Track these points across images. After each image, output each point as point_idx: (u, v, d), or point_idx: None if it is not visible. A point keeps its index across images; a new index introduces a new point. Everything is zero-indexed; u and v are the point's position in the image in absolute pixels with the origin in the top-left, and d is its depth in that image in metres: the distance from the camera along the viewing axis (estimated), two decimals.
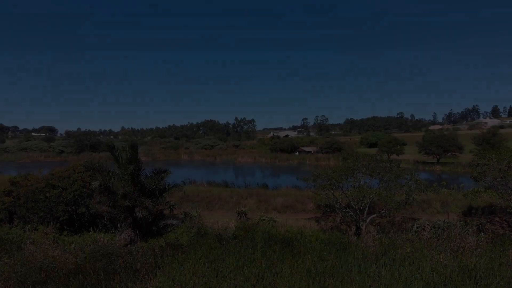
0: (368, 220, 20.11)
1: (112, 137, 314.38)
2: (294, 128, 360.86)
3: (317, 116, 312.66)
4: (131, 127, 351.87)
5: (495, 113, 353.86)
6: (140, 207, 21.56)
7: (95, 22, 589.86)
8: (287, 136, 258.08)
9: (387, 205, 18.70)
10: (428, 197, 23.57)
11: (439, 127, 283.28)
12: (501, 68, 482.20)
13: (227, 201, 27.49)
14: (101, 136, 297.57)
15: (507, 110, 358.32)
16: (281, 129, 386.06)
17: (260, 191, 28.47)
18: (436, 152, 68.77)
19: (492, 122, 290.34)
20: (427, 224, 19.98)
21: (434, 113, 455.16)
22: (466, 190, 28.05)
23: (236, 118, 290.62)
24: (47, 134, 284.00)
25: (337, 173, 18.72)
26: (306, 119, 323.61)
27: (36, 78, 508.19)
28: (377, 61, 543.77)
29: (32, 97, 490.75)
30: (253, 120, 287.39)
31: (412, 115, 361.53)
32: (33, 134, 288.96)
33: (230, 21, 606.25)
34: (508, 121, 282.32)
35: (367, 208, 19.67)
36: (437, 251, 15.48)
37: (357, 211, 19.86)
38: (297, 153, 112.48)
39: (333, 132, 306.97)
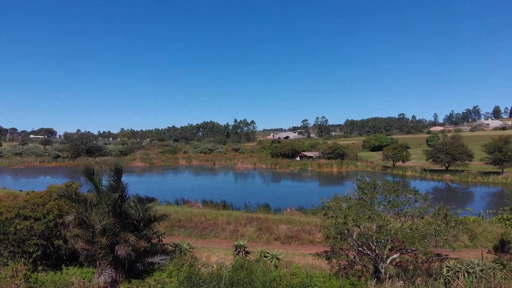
0: (388, 262, 17.12)
1: (111, 139, 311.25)
2: (294, 129, 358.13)
3: (317, 117, 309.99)
4: (131, 129, 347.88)
5: (496, 113, 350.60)
6: (122, 244, 18.61)
7: (93, 23, 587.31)
8: (287, 137, 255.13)
9: (414, 246, 15.69)
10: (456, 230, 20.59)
11: (441, 128, 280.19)
12: (502, 68, 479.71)
13: (223, 228, 24.39)
14: (100, 138, 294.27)
15: (508, 111, 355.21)
16: (281, 130, 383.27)
17: (260, 216, 25.35)
18: (445, 160, 65.71)
19: (494, 123, 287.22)
20: (459, 267, 16.93)
21: (435, 113, 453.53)
22: (494, 217, 25.06)
23: (235, 120, 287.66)
24: (46, 136, 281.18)
25: (354, 209, 15.71)
26: (306, 120, 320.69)
27: (35, 79, 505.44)
28: (377, 61, 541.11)
29: (32, 98, 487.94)
30: (253, 122, 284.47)
31: (413, 116, 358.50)
32: (31, 136, 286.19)
33: (229, 20, 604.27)
34: (510, 122, 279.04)
35: (387, 249, 16.68)
36: None
37: (376, 251, 16.86)
38: (298, 158, 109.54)
39: (333, 133, 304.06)
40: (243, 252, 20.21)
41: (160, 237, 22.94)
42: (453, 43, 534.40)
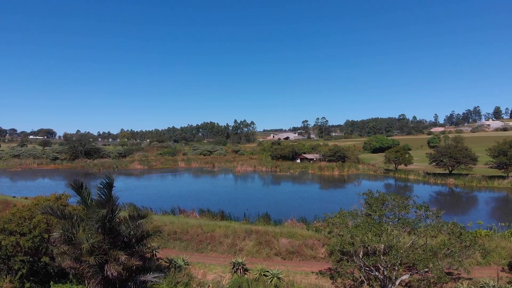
0: (397, 283, 15.90)
1: (110, 139, 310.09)
2: (294, 129, 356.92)
3: (317, 118, 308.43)
4: (131, 129, 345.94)
5: (497, 114, 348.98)
6: (112, 263, 17.41)
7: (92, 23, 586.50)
8: (287, 138, 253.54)
9: (428, 268, 14.48)
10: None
11: (442, 129, 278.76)
12: (502, 68, 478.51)
13: (221, 241, 23.14)
14: (100, 139, 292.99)
15: (509, 111, 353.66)
16: (281, 130, 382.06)
17: (260, 229, 23.93)
18: (449, 163, 64.43)
19: (494, 124, 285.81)
20: None
21: (436, 114, 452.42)
22: (506, 230, 23.87)
23: (235, 121, 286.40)
24: (45, 137, 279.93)
25: (362, 229, 14.49)
26: (306, 121, 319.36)
27: (35, 79, 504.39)
28: (377, 61, 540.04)
29: (31, 99, 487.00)
30: (252, 123, 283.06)
31: (414, 117, 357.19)
32: (31, 137, 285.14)
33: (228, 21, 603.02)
34: (511, 123, 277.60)
35: (397, 269, 15.45)
36: None
37: (384, 272, 15.64)
38: (298, 160, 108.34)
39: (333, 134, 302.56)
40: (242, 270, 19.00)
41: (154, 251, 21.76)
42: (453, 43, 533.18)
